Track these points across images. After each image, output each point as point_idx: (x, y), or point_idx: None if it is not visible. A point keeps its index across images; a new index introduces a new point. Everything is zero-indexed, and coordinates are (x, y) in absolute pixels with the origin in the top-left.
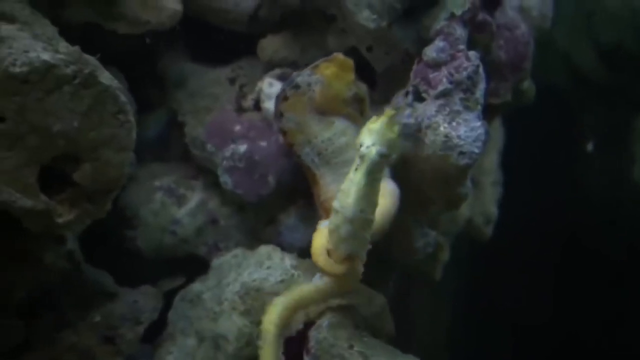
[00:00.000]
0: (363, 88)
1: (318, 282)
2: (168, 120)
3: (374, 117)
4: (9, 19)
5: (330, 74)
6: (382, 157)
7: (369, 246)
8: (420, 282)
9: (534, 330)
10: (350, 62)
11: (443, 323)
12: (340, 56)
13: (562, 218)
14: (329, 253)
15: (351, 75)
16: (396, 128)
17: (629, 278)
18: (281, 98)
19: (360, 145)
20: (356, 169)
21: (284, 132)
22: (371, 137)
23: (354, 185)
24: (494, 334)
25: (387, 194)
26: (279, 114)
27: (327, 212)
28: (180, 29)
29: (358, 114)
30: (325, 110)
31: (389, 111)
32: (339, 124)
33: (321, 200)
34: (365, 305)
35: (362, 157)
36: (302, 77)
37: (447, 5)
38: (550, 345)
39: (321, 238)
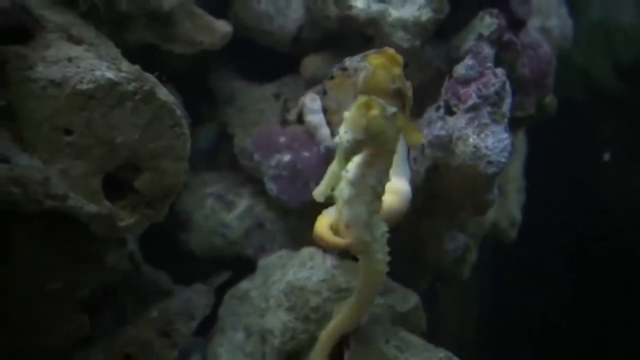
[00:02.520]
0: (408, 86)
1: (349, 300)
2: (218, 132)
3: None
4: (77, 41)
5: (378, 64)
6: (351, 142)
7: (384, 232)
8: (449, 282)
9: (555, 327)
10: (400, 58)
11: (470, 320)
12: (391, 50)
13: (580, 223)
14: (332, 229)
15: (397, 70)
16: (374, 112)
17: None
18: (329, 77)
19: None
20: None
21: (324, 110)
22: (344, 125)
23: (329, 172)
24: (517, 331)
25: (395, 191)
26: (323, 91)
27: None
28: (231, 49)
29: (400, 109)
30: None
31: (361, 97)
32: None
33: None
34: (400, 303)
35: (337, 145)
36: (351, 61)
37: (475, 26)
38: (571, 343)
39: (325, 218)
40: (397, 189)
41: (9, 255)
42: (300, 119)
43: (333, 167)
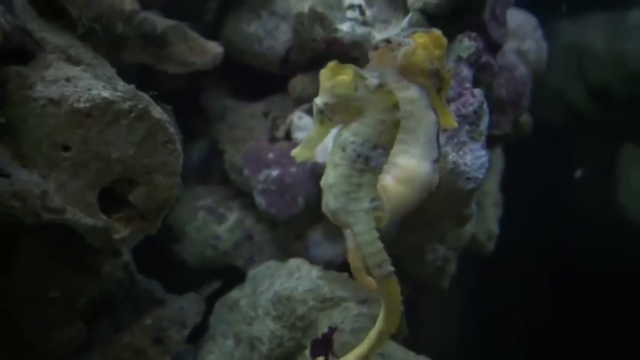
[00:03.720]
0: (448, 68)
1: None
2: (210, 148)
3: None
4: (75, 61)
5: (420, 42)
6: (321, 106)
7: (370, 208)
8: (430, 292)
9: (534, 332)
10: (444, 41)
11: (451, 328)
12: (437, 32)
13: (556, 234)
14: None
15: (438, 52)
16: (341, 76)
17: (617, 286)
18: (373, 47)
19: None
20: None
21: None
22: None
23: (307, 134)
24: (496, 338)
25: (407, 180)
26: (367, 61)
27: None
28: (222, 69)
29: (435, 90)
30: (406, 74)
31: (330, 63)
32: (413, 91)
33: None
34: None
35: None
36: (396, 36)
37: (454, 49)
38: (549, 347)
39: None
40: (410, 177)
41: (11, 265)
42: (288, 136)
43: (312, 130)
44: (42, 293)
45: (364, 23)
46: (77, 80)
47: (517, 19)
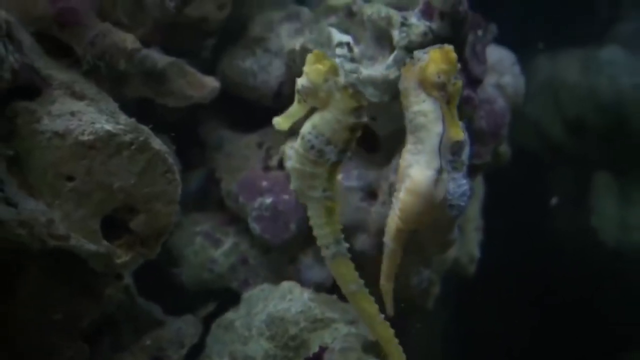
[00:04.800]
0: (454, 82)
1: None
2: (207, 176)
3: None
4: (80, 96)
5: (432, 56)
6: (298, 86)
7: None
8: (415, 312)
9: (515, 351)
10: (452, 55)
11: (436, 347)
12: (448, 47)
13: (533, 258)
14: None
15: (445, 66)
16: (316, 65)
17: (593, 309)
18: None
19: None
20: None
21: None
22: None
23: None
24: (479, 355)
25: (411, 190)
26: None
27: (400, 178)
28: (219, 102)
29: (444, 103)
30: (423, 87)
31: (316, 51)
32: (427, 104)
33: (399, 163)
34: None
35: None
36: (418, 52)
37: None
38: None
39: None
40: (414, 187)
41: (17, 288)
42: (281, 165)
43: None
44: (46, 315)
45: (352, 59)
46: (82, 115)
47: (496, 55)
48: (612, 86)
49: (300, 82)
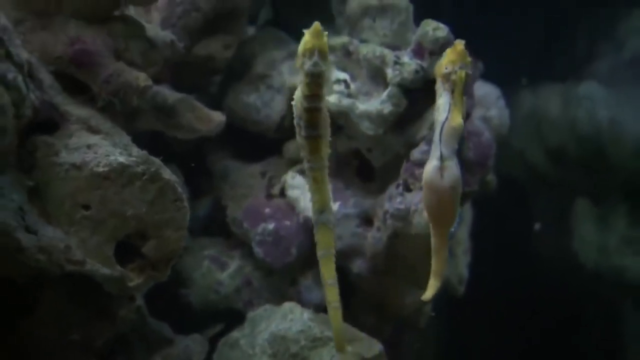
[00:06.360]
0: (459, 73)
1: None
2: (213, 204)
3: None
4: (95, 131)
5: (447, 50)
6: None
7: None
8: (409, 330)
9: None
10: (460, 48)
11: None
12: (459, 44)
13: (518, 279)
14: None
15: (453, 57)
16: (310, 38)
17: (575, 326)
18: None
19: None
20: None
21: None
22: None
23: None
24: None
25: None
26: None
27: None
28: (225, 134)
29: (451, 92)
30: (442, 82)
31: (317, 24)
32: (442, 99)
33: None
34: (366, 351)
35: None
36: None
37: (428, 117)
38: None
39: None
40: (423, 181)
41: (37, 310)
42: (282, 193)
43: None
44: (64, 335)
45: (349, 95)
46: (97, 148)
47: (483, 90)
48: (590, 119)
49: (299, 48)
